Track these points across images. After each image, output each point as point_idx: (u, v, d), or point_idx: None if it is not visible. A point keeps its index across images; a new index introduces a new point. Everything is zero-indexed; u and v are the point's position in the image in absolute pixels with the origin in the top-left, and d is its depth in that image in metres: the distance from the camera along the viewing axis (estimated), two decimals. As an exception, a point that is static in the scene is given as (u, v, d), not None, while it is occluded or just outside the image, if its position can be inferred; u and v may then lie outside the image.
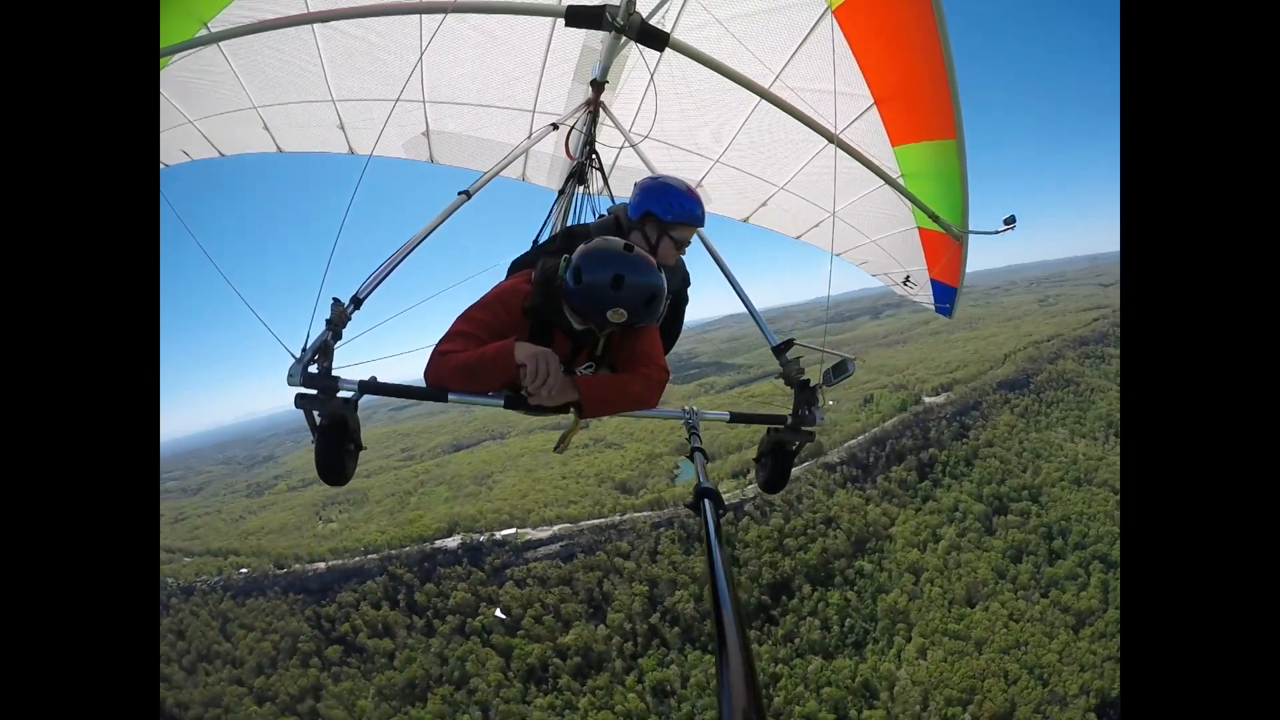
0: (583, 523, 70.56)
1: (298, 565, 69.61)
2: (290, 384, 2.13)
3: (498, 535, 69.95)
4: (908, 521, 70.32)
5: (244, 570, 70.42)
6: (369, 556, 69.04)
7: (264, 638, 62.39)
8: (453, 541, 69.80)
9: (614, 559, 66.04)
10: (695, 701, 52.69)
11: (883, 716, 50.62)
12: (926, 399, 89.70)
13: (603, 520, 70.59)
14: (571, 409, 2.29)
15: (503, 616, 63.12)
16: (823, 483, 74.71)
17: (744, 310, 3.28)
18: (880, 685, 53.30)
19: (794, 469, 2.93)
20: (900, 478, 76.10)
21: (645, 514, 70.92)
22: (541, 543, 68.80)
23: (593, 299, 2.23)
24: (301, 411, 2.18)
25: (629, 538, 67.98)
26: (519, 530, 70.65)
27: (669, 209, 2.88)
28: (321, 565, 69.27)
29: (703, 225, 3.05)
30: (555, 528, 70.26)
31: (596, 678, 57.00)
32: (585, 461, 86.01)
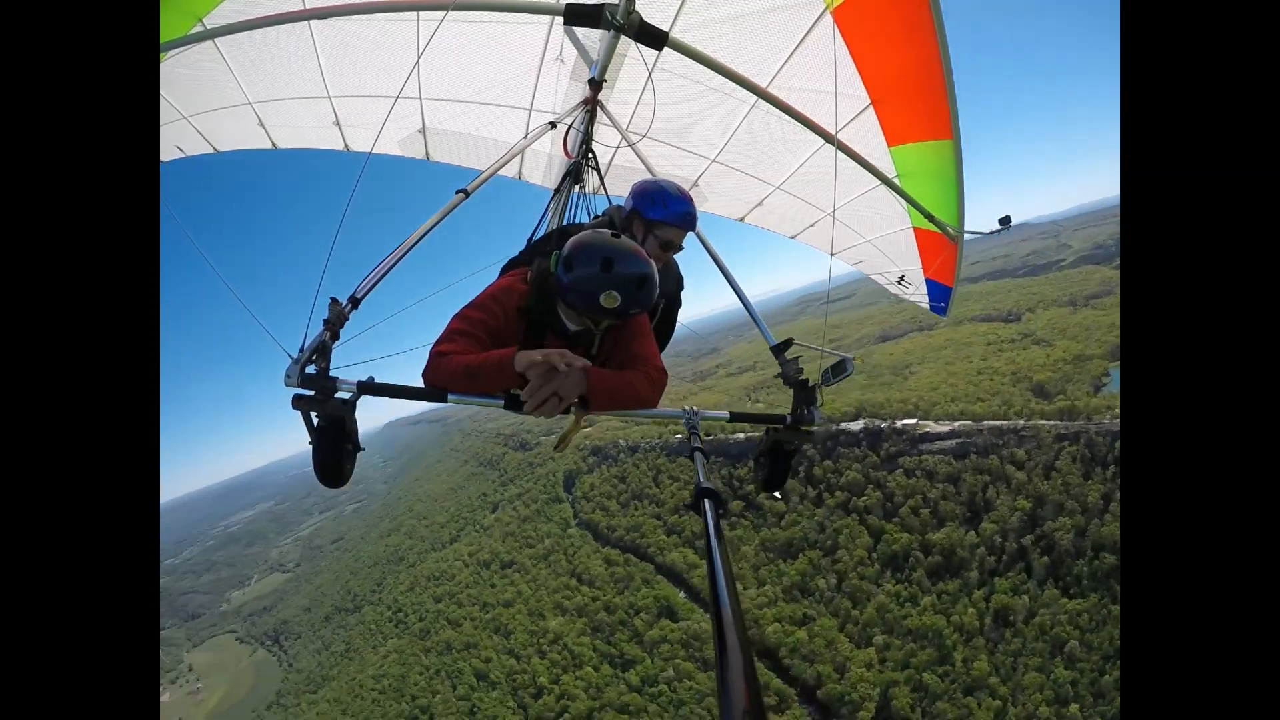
0: (985, 422, 67.16)
1: (721, 434, 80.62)
2: (287, 385, 2.10)
3: (899, 424, 71.25)
4: None
5: (679, 436, 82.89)
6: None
7: (684, 487, 79.28)
8: (856, 425, 74.32)
9: (1006, 466, 61.81)
10: (1028, 642, 49.41)
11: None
12: None
13: (1005, 423, 66.20)
14: (572, 407, 2.27)
15: (777, 497, 66.46)
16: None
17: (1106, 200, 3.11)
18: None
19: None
20: None
21: (1053, 423, 63.47)
22: (939, 436, 67.94)
23: (584, 286, 2.23)
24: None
25: (1028, 446, 62.33)
26: (920, 421, 70.87)
27: (652, 207, 2.89)
28: (740, 435, 79.89)
29: (692, 229, 3.05)
30: (956, 424, 68.36)
31: (947, 581, 56.65)
32: (1006, 358, 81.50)
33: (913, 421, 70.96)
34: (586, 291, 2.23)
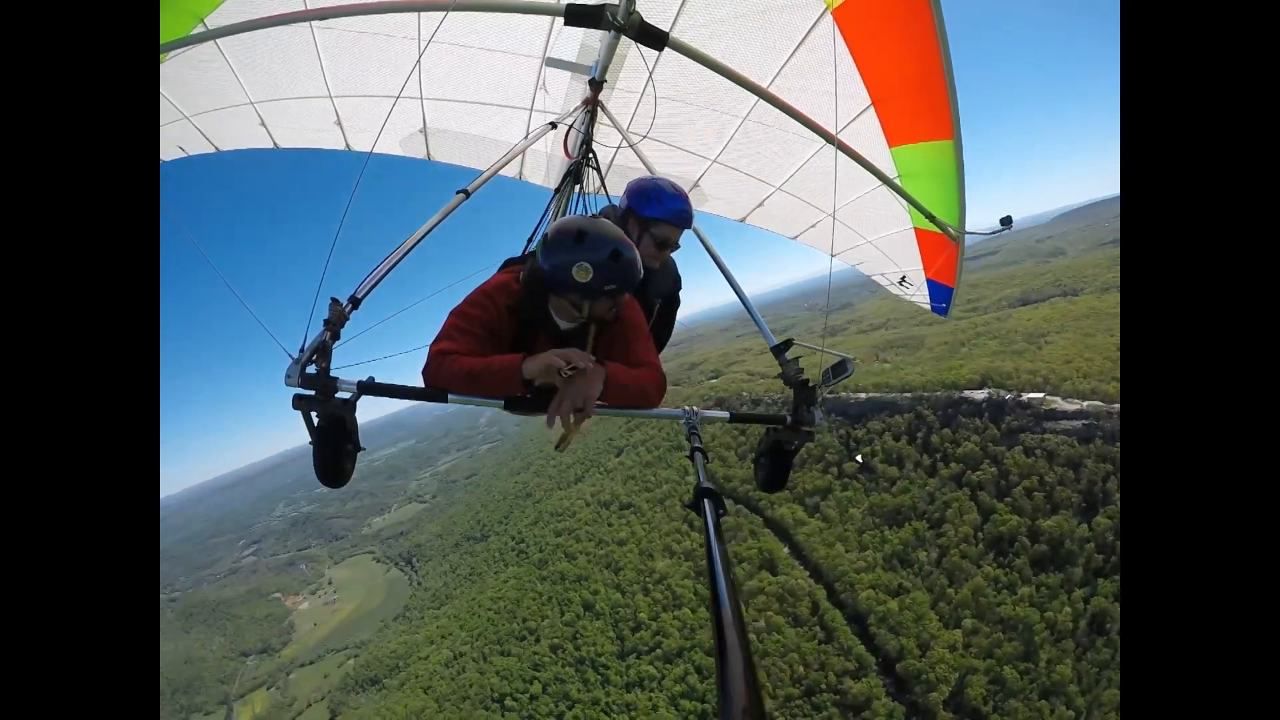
0: (1117, 405, 60.33)
1: (844, 393, 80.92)
2: (288, 385, 2.11)
3: (1024, 397, 66.26)
4: None
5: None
6: (903, 395, 77.49)
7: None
8: (980, 394, 71.21)
9: (1133, 457, 58.54)
10: (1117, 654, 45.15)
11: None
12: None
13: (1139, 408, 62.35)
14: None
15: (859, 461, 68.78)
16: None
17: None
18: None
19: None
20: None
21: (1194, 415, 59.80)
22: (1065, 415, 62.34)
23: (558, 263, 2.23)
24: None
25: (1160, 435, 59.13)
26: (1047, 396, 65.18)
27: (648, 205, 2.89)
28: (862, 395, 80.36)
29: (688, 226, 3.04)
30: (1085, 403, 61.94)
31: (1050, 574, 52.87)
32: (1152, 330, 77.69)
33: (1040, 396, 65.51)
34: (561, 268, 2.23)
